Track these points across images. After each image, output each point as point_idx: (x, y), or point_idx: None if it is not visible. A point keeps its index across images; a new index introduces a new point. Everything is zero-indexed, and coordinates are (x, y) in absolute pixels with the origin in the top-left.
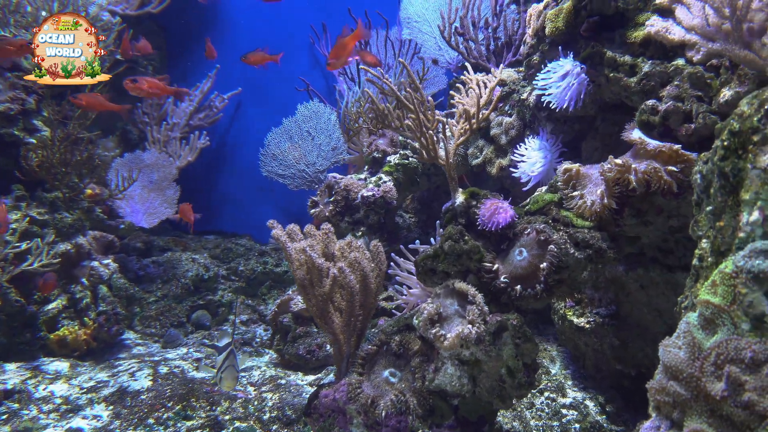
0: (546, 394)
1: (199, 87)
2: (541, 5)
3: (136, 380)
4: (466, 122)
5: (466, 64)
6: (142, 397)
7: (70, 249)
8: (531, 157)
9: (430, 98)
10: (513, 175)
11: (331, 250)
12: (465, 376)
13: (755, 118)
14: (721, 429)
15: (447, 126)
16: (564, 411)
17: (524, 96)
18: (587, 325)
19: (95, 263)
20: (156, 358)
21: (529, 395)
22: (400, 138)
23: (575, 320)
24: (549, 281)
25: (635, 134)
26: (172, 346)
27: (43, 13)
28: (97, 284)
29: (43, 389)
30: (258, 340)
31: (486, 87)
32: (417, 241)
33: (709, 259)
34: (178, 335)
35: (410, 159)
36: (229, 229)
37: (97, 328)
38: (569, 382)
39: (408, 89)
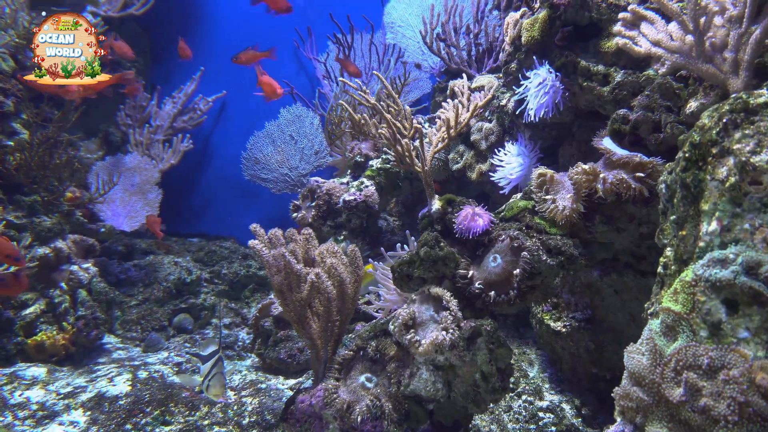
0: (524, 397)
1: (183, 89)
2: (517, 14)
3: (114, 385)
4: (445, 131)
5: (460, 69)
6: (120, 402)
7: (49, 253)
8: (510, 163)
9: (407, 107)
10: (492, 179)
11: (312, 255)
12: (440, 381)
13: (714, 131)
14: None
15: (426, 134)
16: (541, 414)
17: (503, 102)
18: (564, 329)
19: (74, 267)
20: (136, 363)
21: (507, 398)
22: None
23: (552, 324)
24: (522, 287)
25: (605, 142)
26: (153, 350)
27: (22, 14)
28: (76, 288)
29: (19, 395)
30: (240, 343)
31: (473, 96)
32: (398, 244)
33: (673, 267)
34: (160, 339)
35: (392, 163)
36: (213, 232)
37: (76, 333)
38: (546, 385)
39: (384, 100)
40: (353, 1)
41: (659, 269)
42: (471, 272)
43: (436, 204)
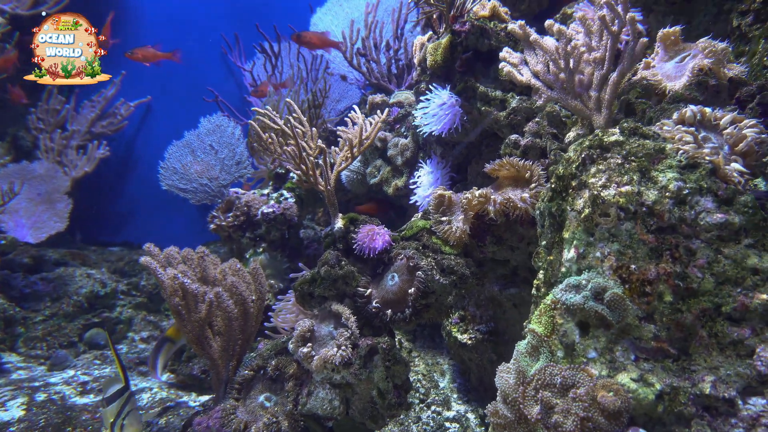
0: (432, 407)
1: (103, 93)
2: (425, 37)
3: (6, 410)
4: (348, 149)
5: (380, 84)
6: (11, 429)
7: None
8: (424, 183)
9: (314, 129)
10: (409, 196)
11: (211, 273)
12: (337, 399)
13: (574, 165)
14: None
15: (330, 153)
16: (447, 424)
17: (417, 114)
18: (470, 341)
19: None
20: (36, 384)
21: (417, 409)
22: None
23: (459, 336)
24: (417, 306)
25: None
26: (59, 369)
27: None
28: None
29: None
30: None
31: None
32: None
33: (543, 289)
34: (67, 356)
35: None
36: (137, 241)
37: None
38: (455, 395)
39: (292, 122)
40: (281, 10)
41: (533, 291)
42: (369, 290)
43: (339, 222)
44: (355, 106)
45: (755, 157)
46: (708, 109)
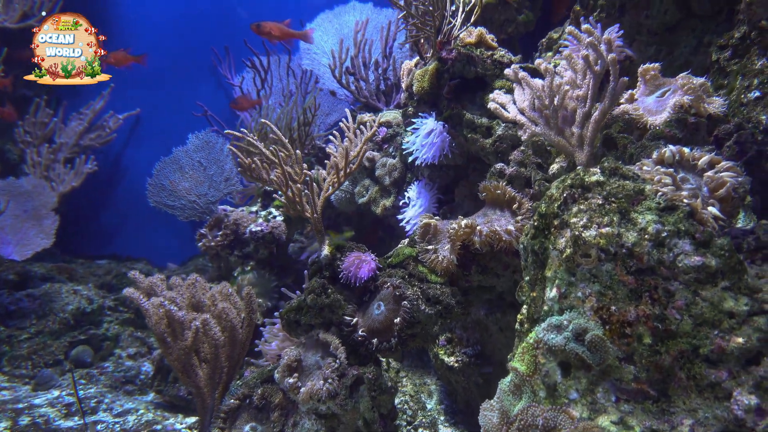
0: (420, 430)
1: (91, 105)
2: (412, 62)
3: None
4: (335, 175)
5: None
6: None
7: None
8: (413, 206)
9: (298, 152)
10: (397, 216)
11: (200, 298)
12: (322, 430)
13: (556, 205)
14: None
15: (317, 171)
16: None
17: (406, 140)
18: (456, 364)
19: None
20: (20, 406)
21: None
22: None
23: (446, 359)
24: (403, 335)
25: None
26: (44, 389)
27: None
28: None
29: None
30: (143, 377)
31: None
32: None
33: (526, 325)
34: (52, 376)
35: None
36: (124, 253)
37: None
38: (442, 418)
39: (274, 146)
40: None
41: (516, 325)
42: (356, 319)
43: (326, 250)
44: (347, 110)
45: (731, 203)
46: (686, 150)
